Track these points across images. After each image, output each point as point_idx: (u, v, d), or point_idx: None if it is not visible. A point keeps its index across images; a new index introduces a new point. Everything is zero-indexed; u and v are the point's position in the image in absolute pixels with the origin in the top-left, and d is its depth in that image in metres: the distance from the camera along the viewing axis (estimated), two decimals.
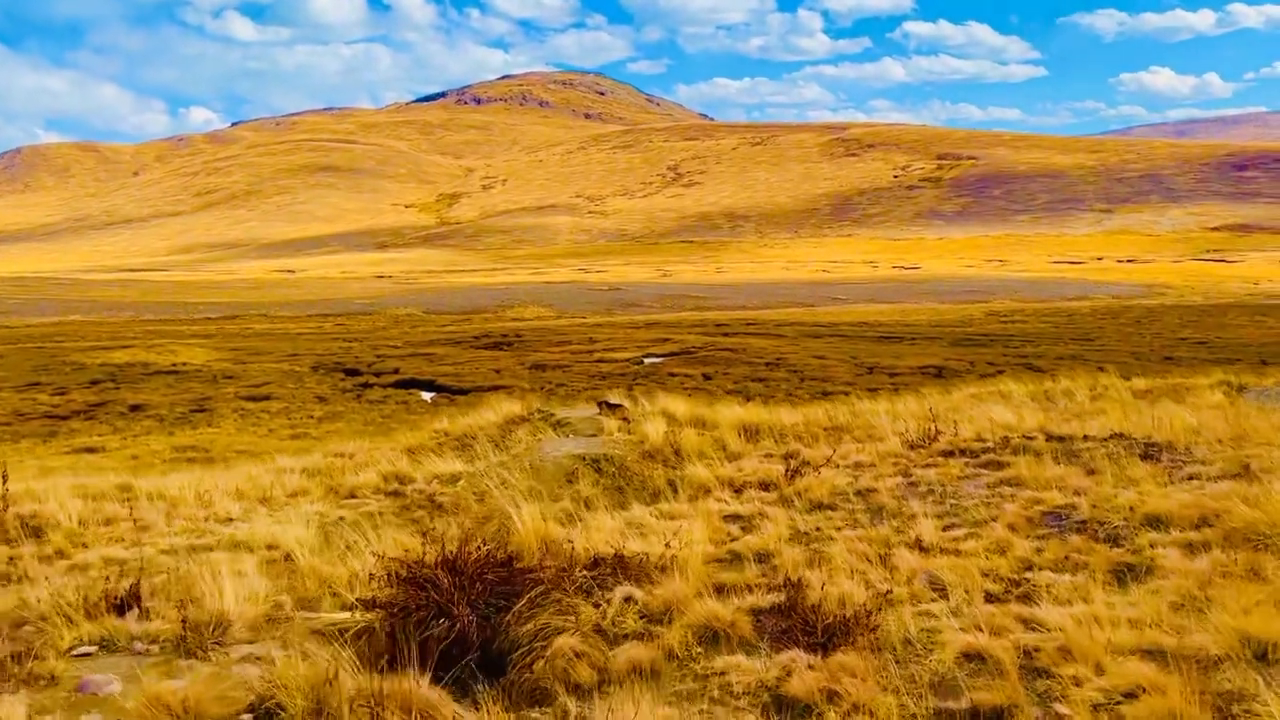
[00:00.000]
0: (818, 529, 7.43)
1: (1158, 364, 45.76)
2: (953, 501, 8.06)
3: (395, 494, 10.49)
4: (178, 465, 28.61)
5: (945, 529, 7.26)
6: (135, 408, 39.86)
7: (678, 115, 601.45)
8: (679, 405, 11.85)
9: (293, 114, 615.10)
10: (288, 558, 7.50)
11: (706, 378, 47.55)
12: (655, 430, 9.97)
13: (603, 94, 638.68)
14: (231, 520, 9.24)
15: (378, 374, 50.29)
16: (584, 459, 9.25)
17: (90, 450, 31.04)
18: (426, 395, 45.52)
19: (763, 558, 6.77)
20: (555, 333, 68.17)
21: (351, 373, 51.18)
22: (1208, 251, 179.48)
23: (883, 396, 13.86)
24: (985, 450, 9.51)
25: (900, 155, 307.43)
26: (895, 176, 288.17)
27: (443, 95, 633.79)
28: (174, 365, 52.02)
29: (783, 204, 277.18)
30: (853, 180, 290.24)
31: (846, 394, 43.29)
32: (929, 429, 10.03)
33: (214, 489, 10.03)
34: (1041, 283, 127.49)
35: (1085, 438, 9.57)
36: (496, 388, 45.57)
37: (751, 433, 10.78)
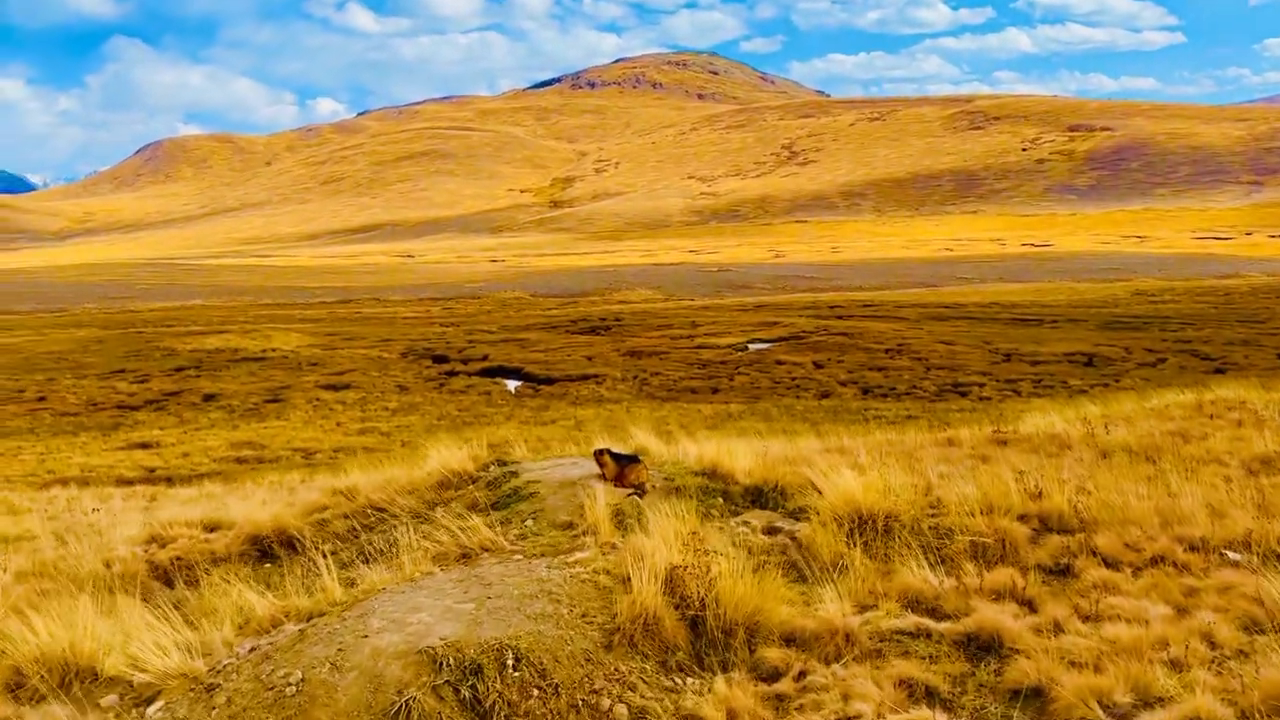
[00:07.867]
0: None
1: None
2: None
3: None
4: (225, 466, 26.17)
5: None
6: (209, 397, 38.03)
7: (792, 93, 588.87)
8: (737, 457, 6.51)
9: (414, 103, 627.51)
10: None
11: (818, 365, 43.30)
12: (658, 557, 4.60)
13: (716, 74, 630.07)
14: None
15: (465, 361, 47.75)
16: (444, 668, 3.84)
17: (144, 445, 29.00)
18: (511, 385, 42.64)
19: None
20: (657, 316, 64.64)
21: (439, 360, 48.81)
22: None
23: (1055, 404, 9.72)
24: None
25: (1029, 128, 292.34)
26: (1024, 150, 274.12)
27: (557, 81, 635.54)
28: (263, 351, 50.53)
29: (903, 181, 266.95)
30: (978, 154, 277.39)
31: (982, 385, 38.52)
32: None
33: None
34: (1187, 259, 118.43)
35: None
36: (585, 377, 42.42)
37: (877, 531, 5.61)
